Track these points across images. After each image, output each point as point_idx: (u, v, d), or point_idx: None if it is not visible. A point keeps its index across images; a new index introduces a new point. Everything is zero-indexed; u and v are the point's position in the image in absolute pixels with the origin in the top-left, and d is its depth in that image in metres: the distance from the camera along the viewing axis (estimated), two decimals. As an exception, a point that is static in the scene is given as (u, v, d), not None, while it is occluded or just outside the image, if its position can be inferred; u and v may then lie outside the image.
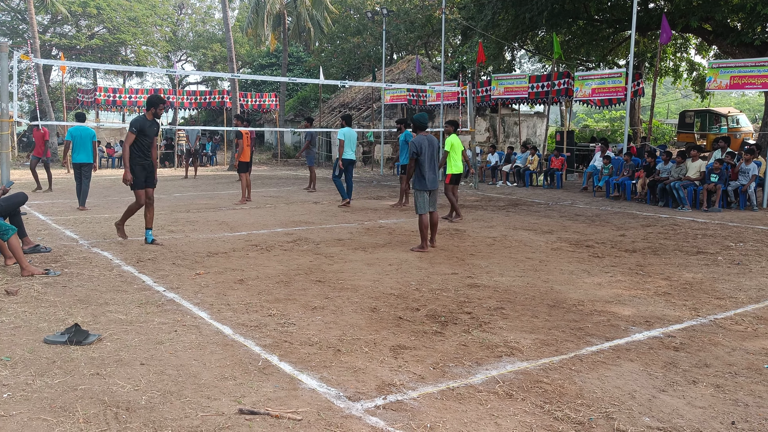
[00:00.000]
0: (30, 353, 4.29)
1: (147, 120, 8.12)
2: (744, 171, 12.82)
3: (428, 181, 8.12)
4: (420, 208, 8.20)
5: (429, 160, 8.11)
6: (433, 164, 8.23)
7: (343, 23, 37.62)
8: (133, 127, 8.01)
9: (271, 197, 14.70)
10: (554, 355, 4.43)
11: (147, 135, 8.10)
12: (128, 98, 28.49)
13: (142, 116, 8.18)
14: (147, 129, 8.08)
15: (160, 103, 8.18)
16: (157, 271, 6.81)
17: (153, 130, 8.20)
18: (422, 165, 8.07)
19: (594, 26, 23.47)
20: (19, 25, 41.18)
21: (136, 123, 8.03)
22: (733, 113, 25.50)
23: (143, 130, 8.04)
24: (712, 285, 6.53)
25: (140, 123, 8.03)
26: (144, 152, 8.16)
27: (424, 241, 8.25)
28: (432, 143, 8.19)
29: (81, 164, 12.27)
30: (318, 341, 4.62)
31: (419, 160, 8.06)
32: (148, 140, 8.16)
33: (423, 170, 8.08)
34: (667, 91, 56.19)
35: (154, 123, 8.21)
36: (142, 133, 8.04)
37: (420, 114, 8.31)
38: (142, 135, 8.05)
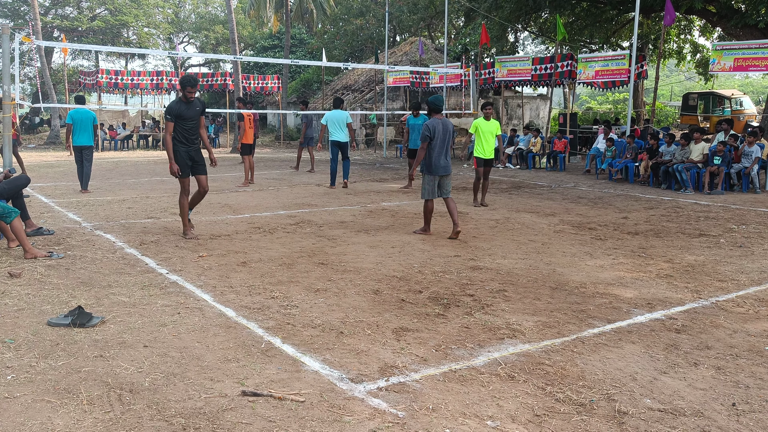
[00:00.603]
0: (34, 335, 4.32)
1: (183, 103, 7.49)
2: (747, 153, 12.77)
3: (438, 167, 7.89)
4: (426, 193, 8.02)
5: (441, 145, 7.86)
6: (446, 149, 7.95)
7: (346, 5, 37.36)
8: (168, 114, 7.46)
9: (274, 180, 14.69)
10: (556, 337, 4.44)
11: (186, 119, 7.48)
12: (130, 80, 28.42)
13: (176, 100, 7.57)
14: (184, 112, 7.45)
15: (187, 86, 7.45)
16: (160, 254, 6.83)
17: (193, 112, 7.55)
18: (433, 149, 7.84)
19: (598, 8, 23.26)
20: (21, 7, 40.98)
21: (171, 109, 7.45)
22: (736, 95, 25.35)
23: (180, 114, 7.43)
24: (714, 267, 6.54)
25: (176, 108, 7.43)
26: (187, 138, 7.55)
27: (427, 224, 8.18)
28: (446, 127, 7.92)
29: (82, 147, 12.15)
30: (321, 323, 4.64)
31: (431, 144, 7.83)
32: (189, 124, 7.53)
33: (432, 155, 7.86)
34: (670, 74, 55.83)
35: (192, 104, 7.55)
36: (180, 118, 7.44)
37: (435, 96, 8.01)
38: (180, 120, 7.45)
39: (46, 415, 3.21)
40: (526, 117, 28.80)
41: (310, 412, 3.28)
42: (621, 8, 22.51)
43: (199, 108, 7.62)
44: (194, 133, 7.61)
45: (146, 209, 9.97)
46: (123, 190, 12.38)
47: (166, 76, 29.34)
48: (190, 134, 7.58)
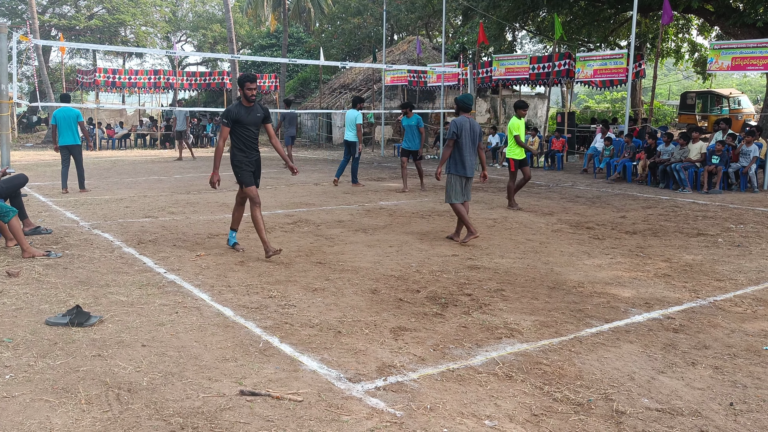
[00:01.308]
0: (32, 335, 4.31)
1: (243, 107, 6.61)
2: (745, 153, 12.79)
3: (467, 167, 7.56)
4: (453, 195, 7.63)
5: (470, 145, 7.54)
6: (474, 149, 7.63)
7: (344, 4, 37.36)
8: (224, 118, 6.63)
9: (272, 178, 14.68)
10: (554, 336, 4.45)
11: (245, 124, 6.61)
12: (128, 79, 28.38)
13: (236, 103, 6.70)
14: (244, 117, 6.59)
15: (246, 81, 6.56)
16: (157, 253, 6.82)
17: (253, 118, 6.66)
18: (462, 149, 7.49)
19: (595, 7, 23.27)
20: (18, 6, 40.89)
21: (229, 113, 6.60)
22: (734, 95, 25.39)
23: (239, 119, 6.56)
24: (712, 267, 6.55)
25: (234, 112, 6.57)
26: (247, 145, 6.70)
27: (469, 226, 7.58)
28: (474, 127, 7.60)
29: (68, 146, 11.78)
30: (318, 323, 4.64)
31: (458, 142, 7.49)
32: (249, 131, 6.67)
33: (462, 154, 7.51)
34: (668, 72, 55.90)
35: (253, 109, 6.66)
36: (238, 123, 6.58)
37: (464, 95, 7.73)
38: (239, 126, 6.59)
39: (45, 414, 3.21)
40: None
41: (308, 412, 3.28)
42: (619, 7, 22.53)
43: (261, 114, 6.75)
44: (254, 142, 6.76)
45: (144, 208, 9.96)
46: (120, 189, 12.36)
47: (163, 75, 29.31)
48: (251, 143, 6.72)
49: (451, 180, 7.65)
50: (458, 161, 7.57)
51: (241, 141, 6.69)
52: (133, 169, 16.87)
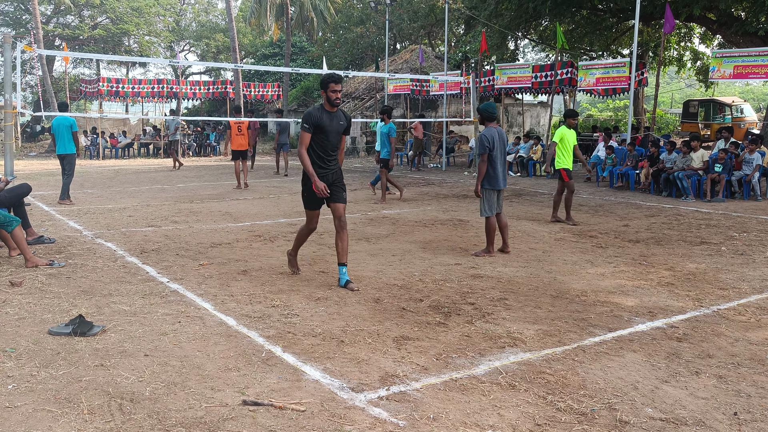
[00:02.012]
0: (34, 344, 4.32)
1: (325, 111, 5.81)
2: (748, 161, 12.77)
3: (500, 179, 7.39)
4: (487, 209, 7.44)
5: (500, 156, 7.36)
6: (504, 160, 7.47)
7: (347, 13, 37.51)
8: (305, 123, 5.79)
9: (274, 187, 14.71)
10: (557, 345, 4.44)
11: (327, 132, 5.81)
12: (131, 89, 28.53)
13: (317, 107, 5.87)
14: (326, 123, 5.79)
15: (330, 82, 5.75)
16: (160, 262, 6.83)
17: (336, 125, 5.88)
18: (494, 161, 7.31)
19: (597, 16, 23.33)
20: (22, 16, 41.15)
21: (309, 117, 5.77)
22: (737, 103, 25.40)
23: (321, 125, 5.76)
24: (715, 275, 6.53)
25: (316, 116, 5.76)
26: (325, 157, 5.88)
27: (491, 244, 7.47)
28: (502, 137, 7.40)
29: (61, 155, 11.63)
30: (321, 332, 4.63)
31: (490, 155, 7.28)
32: (330, 140, 5.86)
33: (495, 167, 7.33)
34: (671, 81, 55.94)
35: (336, 115, 5.87)
36: (319, 129, 5.78)
37: (488, 103, 7.48)
38: (320, 133, 5.80)
39: (47, 424, 3.21)
40: (526, 124, 28.84)
41: (311, 422, 3.27)
42: (621, 16, 22.58)
43: (344, 123, 5.96)
44: (334, 151, 5.95)
45: (147, 217, 9.97)
46: (124, 198, 12.39)
47: (167, 84, 29.43)
48: (329, 152, 5.91)
49: (485, 194, 7.45)
50: (491, 175, 7.38)
51: (318, 151, 5.86)
52: (136, 178, 16.91)
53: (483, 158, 7.33)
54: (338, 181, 6.02)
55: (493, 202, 7.46)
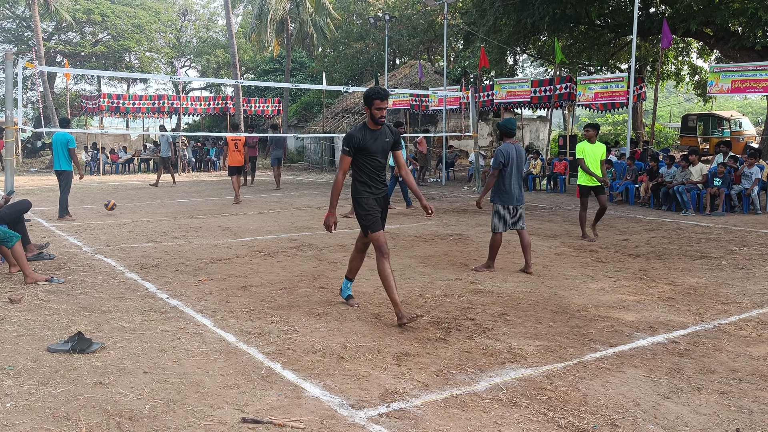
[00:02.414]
0: (33, 362, 4.30)
1: (369, 130, 5.36)
2: (747, 174, 12.80)
3: (514, 195, 7.28)
4: (497, 225, 7.33)
5: (516, 172, 7.27)
6: (520, 176, 7.34)
7: (346, 29, 37.71)
8: (346, 146, 5.34)
9: (275, 202, 14.72)
10: (558, 361, 4.42)
11: (372, 153, 5.37)
12: (132, 104, 28.59)
13: (359, 127, 5.41)
14: (370, 144, 5.33)
15: (375, 99, 5.25)
16: (160, 278, 6.82)
17: (381, 144, 5.41)
18: (507, 177, 7.21)
19: (595, 31, 23.47)
20: (24, 33, 41.37)
21: (351, 140, 5.31)
22: (735, 117, 25.49)
23: (365, 146, 5.31)
24: (716, 290, 6.52)
25: (358, 138, 5.29)
26: (374, 178, 5.46)
27: (491, 260, 7.44)
28: (520, 153, 7.30)
29: (57, 171, 11.58)
30: (321, 348, 4.62)
31: (503, 171, 7.21)
32: (376, 161, 5.43)
33: (508, 183, 7.22)
34: (669, 95, 56.15)
35: (380, 133, 5.40)
36: (363, 151, 5.33)
37: (508, 119, 7.34)
38: (364, 154, 5.35)
39: (45, 443, 3.19)
40: (525, 139, 28.92)
41: (311, 440, 3.25)
42: (619, 31, 22.73)
43: (390, 139, 5.47)
44: (383, 171, 5.53)
45: (147, 233, 9.97)
46: (124, 214, 12.39)
47: (167, 100, 29.54)
48: (378, 174, 5.49)
49: (497, 209, 7.35)
50: (503, 190, 7.27)
51: (366, 173, 5.41)
52: (136, 194, 16.92)
53: (494, 173, 7.28)
54: (385, 208, 5.59)
55: (505, 218, 7.33)
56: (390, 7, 34.10)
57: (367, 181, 5.44)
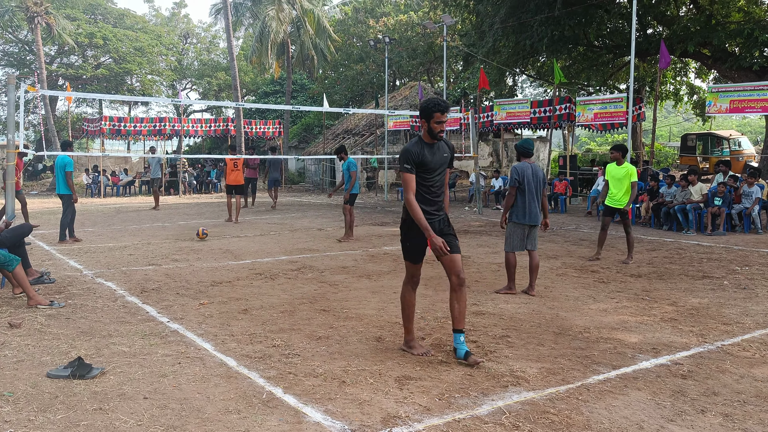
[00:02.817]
0: (32, 388, 4.27)
1: (426, 144, 4.90)
2: (747, 194, 12.81)
3: (529, 215, 7.22)
4: (510, 244, 7.29)
5: (533, 191, 7.24)
6: (537, 196, 7.28)
7: (346, 51, 38.02)
8: (405, 162, 4.82)
9: (275, 224, 14.72)
10: (561, 384, 4.39)
11: (431, 169, 4.89)
12: (133, 127, 28.74)
13: (415, 141, 4.94)
14: (428, 159, 4.86)
15: (435, 111, 4.84)
16: (161, 302, 6.80)
17: (440, 159, 4.94)
18: (524, 196, 7.21)
19: (594, 52, 23.65)
20: (27, 56, 41.69)
21: (409, 155, 4.82)
22: (734, 136, 25.60)
23: (424, 161, 4.84)
24: (718, 310, 6.49)
25: (416, 152, 4.83)
26: (431, 197, 4.92)
27: (512, 281, 7.34)
28: (537, 173, 7.27)
29: (58, 195, 11.57)
30: (323, 372, 4.59)
31: (521, 189, 7.21)
32: (434, 177, 4.93)
33: (524, 201, 7.21)
34: (668, 114, 56.37)
35: (439, 147, 4.95)
36: (422, 167, 4.86)
37: (525, 140, 7.40)
38: (423, 171, 4.88)
39: (44, 471, 3.16)
40: (525, 159, 28.92)
41: (312, 466, 3.22)
42: (617, 52, 22.90)
43: (448, 154, 5.02)
44: (441, 189, 5.00)
45: (147, 256, 9.96)
46: (124, 237, 12.40)
47: (168, 122, 29.68)
48: (436, 193, 4.96)
49: (512, 228, 7.30)
50: (520, 209, 7.26)
51: (422, 192, 4.89)
52: (137, 216, 16.94)
53: (511, 191, 7.29)
54: (448, 228, 5.04)
55: (518, 237, 7.28)
56: (390, 30, 34.38)
57: (422, 204, 4.86)
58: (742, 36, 17.53)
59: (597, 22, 21.70)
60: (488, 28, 21.53)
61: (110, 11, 45.20)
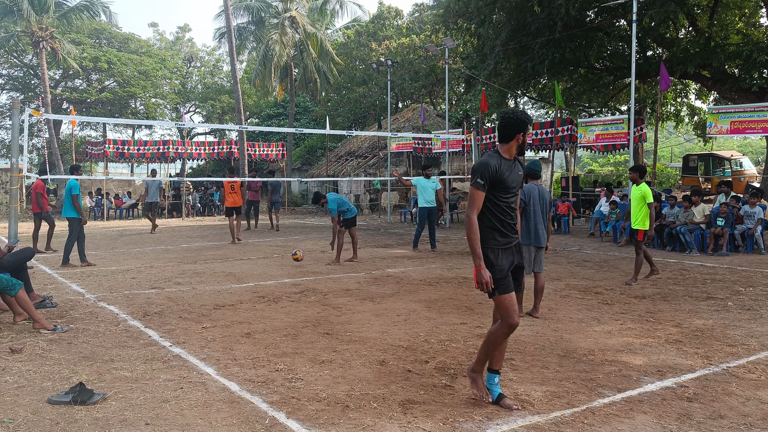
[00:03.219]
0: (33, 414, 4.25)
1: (504, 159, 4.36)
2: (749, 214, 12.79)
3: (535, 236, 7.25)
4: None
5: (539, 213, 7.29)
6: (543, 218, 7.33)
7: (349, 74, 38.28)
8: (480, 178, 4.27)
9: (278, 246, 14.72)
10: (566, 408, 4.35)
11: (509, 187, 4.37)
12: (136, 150, 28.86)
13: (492, 153, 4.41)
14: (507, 177, 4.32)
15: (528, 124, 4.42)
16: (163, 326, 6.78)
17: (516, 177, 4.41)
18: (530, 217, 7.25)
19: (595, 74, 23.79)
20: (31, 80, 42.08)
21: (487, 169, 4.27)
22: (736, 156, 25.65)
23: (501, 179, 4.30)
24: (723, 332, 6.45)
25: (495, 167, 4.28)
26: (507, 220, 4.38)
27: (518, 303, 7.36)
28: (543, 195, 7.34)
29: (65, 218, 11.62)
30: (326, 397, 4.56)
31: (527, 211, 7.26)
32: (510, 198, 4.40)
33: (530, 222, 7.25)
34: (669, 135, 56.53)
35: (515, 165, 4.43)
36: (499, 185, 4.31)
37: (533, 161, 7.50)
38: (499, 189, 4.32)
39: (45, 499, 3.13)
40: (528, 180, 28.97)
41: (315, 493, 3.18)
42: (617, 74, 23.03)
43: (521, 173, 4.51)
44: (515, 212, 4.48)
45: (150, 279, 9.96)
46: (127, 260, 12.40)
47: (172, 145, 29.82)
48: (512, 216, 4.43)
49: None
50: (526, 230, 7.27)
51: (497, 215, 4.34)
52: (140, 239, 16.95)
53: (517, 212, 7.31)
54: (520, 258, 4.51)
55: (527, 258, 7.23)
56: (392, 53, 34.65)
57: (497, 225, 4.32)
58: (741, 58, 17.65)
59: (597, 45, 21.88)
60: (489, 51, 21.69)
61: (115, 35, 45.68)
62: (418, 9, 40.12)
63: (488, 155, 4.38)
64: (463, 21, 22.77)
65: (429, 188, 13.48)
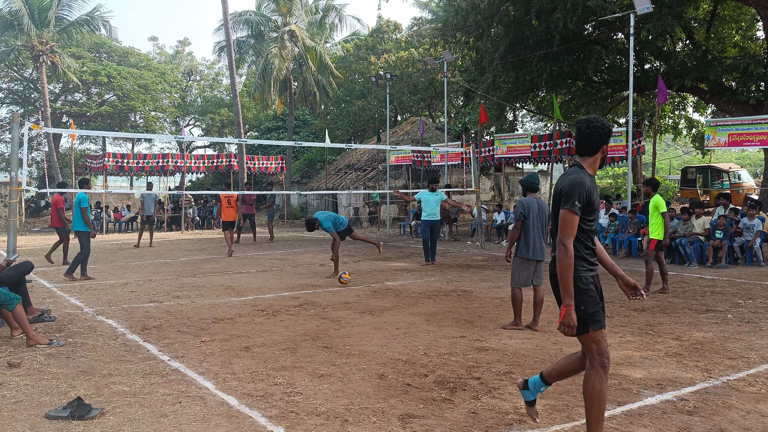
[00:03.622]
0: (31, 429, 4.23)
1: (588, 176, 3.82)
2: (748, 227, 12.81)
3: (534, 250, 7.28)
4: (516, 280, 7.30)
5: (538, 226, 7.31)
6: (542, 231, 7.35)
7: (348, 87, 38.42)
8: (575, 200, 3.68)
9: (278, 260, 14.71)
10: (566, 421, 4.34)
11: (595, 209, 3.81)
12: (136, 164, 28.91)
13: (578, 170, 3.83)
14: (594, 198, 3.77)
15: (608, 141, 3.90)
16: (162, 340, 6.76)
17: (597, 196, 3.87)
18: (528, 230, 7.27)
19: (593, 87, 23.91)
20: (31, 94, 42.20)
21: (581, 189, 3.71)
22: (734, 169, 25.71)
23: (591, 200, 3.75)
24: (723, 344, 6.44)
25: (587, 187, 3.74)
26: (590, 246, 3.88)
27: (518, 317, 7.30)
28: (542, 207, 7.38)
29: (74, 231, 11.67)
30: (325, 411, 4.54)
31: (525, 224, 7.28)
32: (595, 221, 3.87)
33: (528, 236, 7.27)
34: (668, 147, 56.69)
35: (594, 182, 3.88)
36: (589, 206, 3.75)
37: (531, 175, 7.55)
38: (587, 211, 3.76)
39: None
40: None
41: None
42: (615, 87, 23.15)
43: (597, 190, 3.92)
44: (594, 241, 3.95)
45: (149, 292, 9.94)
46: (126, 273, 12.38)
47: (171, 159, 29.87)
48: (593, 240, 3.93)
49: (518, 264, 7.32)
50: (524, 243, 7.30)
51: (584, 241, 3.83)
52: (139, 252, 16.94)
53: (516, 225, 7.35)
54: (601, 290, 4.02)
55: (524, 273, 7.30)
56: (391, 66, 34.80)
57: (582, 251, 3.79)
58: (738, 71, 17.75)
59: (595, 58, 21.99)
60: (488, 64, 21.81)
61: (115, 49, 45.88)
62: (416, 23, 40.35)
63: (577, 172, 3.80)
64: (462, 35, 22.90)
65: (433, 201, 13.53)
